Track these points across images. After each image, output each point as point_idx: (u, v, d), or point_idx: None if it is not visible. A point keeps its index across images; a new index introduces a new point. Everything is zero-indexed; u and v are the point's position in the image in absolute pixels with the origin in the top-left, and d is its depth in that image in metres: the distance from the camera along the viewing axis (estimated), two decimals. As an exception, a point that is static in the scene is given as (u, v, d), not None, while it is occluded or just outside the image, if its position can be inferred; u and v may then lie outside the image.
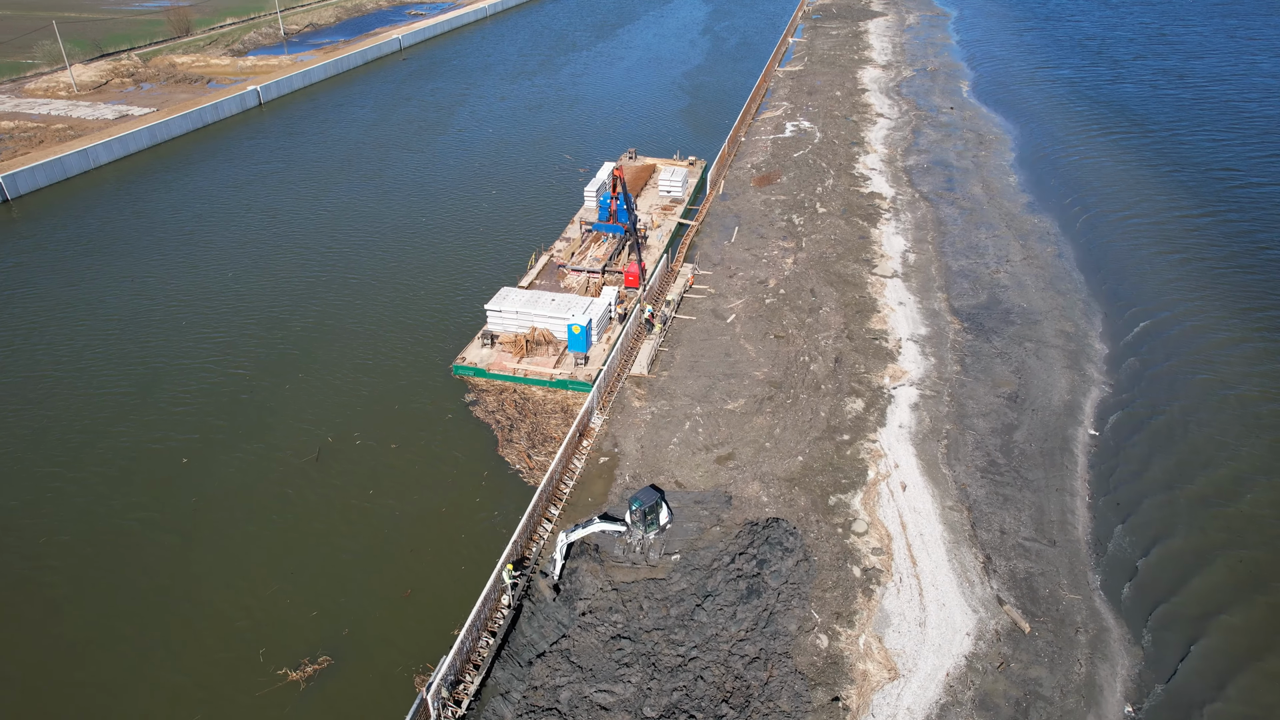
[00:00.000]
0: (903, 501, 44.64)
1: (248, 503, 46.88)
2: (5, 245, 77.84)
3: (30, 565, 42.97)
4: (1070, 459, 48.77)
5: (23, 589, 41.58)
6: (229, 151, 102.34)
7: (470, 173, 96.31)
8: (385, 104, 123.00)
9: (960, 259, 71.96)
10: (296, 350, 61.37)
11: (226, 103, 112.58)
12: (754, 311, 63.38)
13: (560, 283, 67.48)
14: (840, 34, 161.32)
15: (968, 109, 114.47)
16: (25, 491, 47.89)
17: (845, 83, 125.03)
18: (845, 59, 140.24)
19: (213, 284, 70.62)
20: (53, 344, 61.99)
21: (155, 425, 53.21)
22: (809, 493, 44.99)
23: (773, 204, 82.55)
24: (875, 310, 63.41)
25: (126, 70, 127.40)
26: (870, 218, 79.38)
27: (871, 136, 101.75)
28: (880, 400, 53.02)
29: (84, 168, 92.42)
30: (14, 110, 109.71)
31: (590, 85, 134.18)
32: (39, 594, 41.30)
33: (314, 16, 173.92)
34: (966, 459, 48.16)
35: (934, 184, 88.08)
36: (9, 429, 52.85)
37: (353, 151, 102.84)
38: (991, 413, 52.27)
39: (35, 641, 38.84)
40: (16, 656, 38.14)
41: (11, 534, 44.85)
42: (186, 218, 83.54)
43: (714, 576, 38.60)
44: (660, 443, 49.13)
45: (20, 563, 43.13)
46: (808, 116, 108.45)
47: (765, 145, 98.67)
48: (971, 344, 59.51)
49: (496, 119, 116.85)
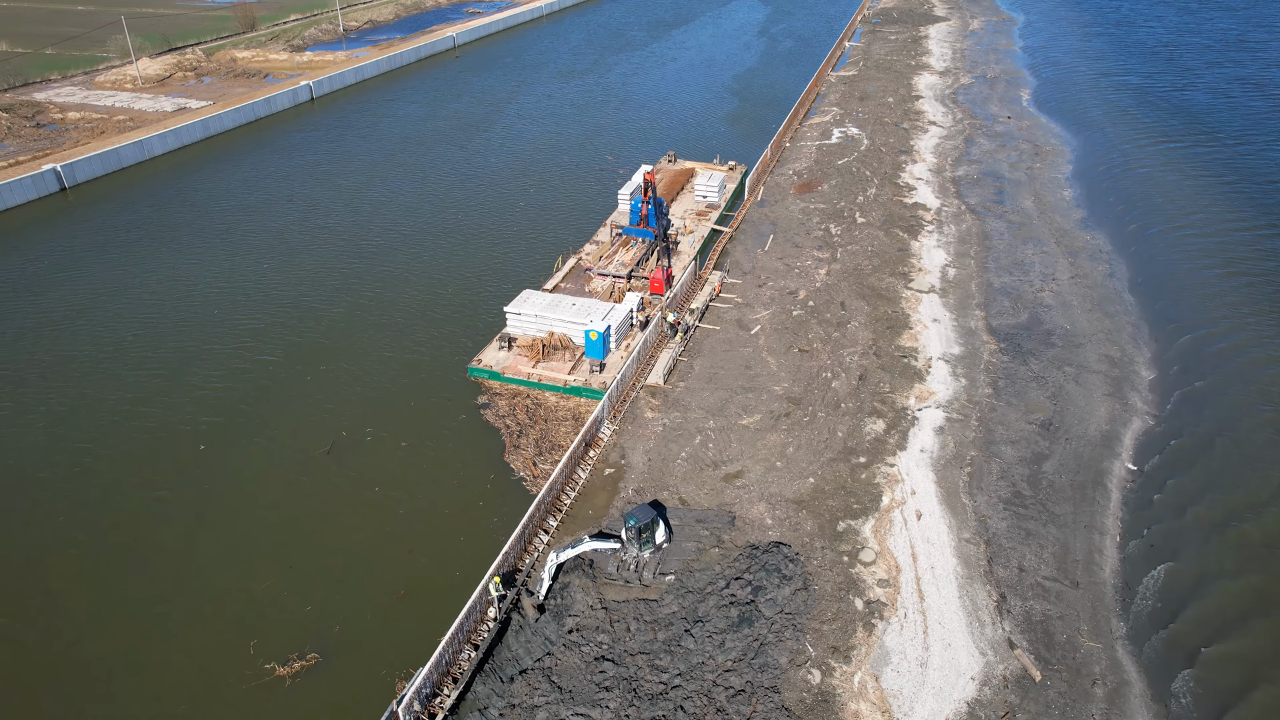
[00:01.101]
0: (916, 531, 42.54)
1: (258, 492, 47.41)
2: (60, 230, 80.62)
3: (53, 538, 44.20)
4: (1103, 494, 45.94)
5: (42, 561, 42.75)
6: (277, 144, 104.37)
7: (511, 170, 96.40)
8: (434, 100, 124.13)
9: (1003, 275, 68.89)
10: (326, 339, 62.28)
11: (279, 97, 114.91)
12: (780, 323, 61.59)
13: (586, 286, 66.66)
14: (899, 39, 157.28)
15: (1026, 118, 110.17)
16: (58, 465, 49.56)
17: (899, 89, 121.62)
18: (901, 65, 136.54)
19: (249, 272, 72.18)
20: (94, 324, 64.10)
21: (183, 407, 54.59)
22: (817, 517, 43.20)
23: (811, 212, 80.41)
24: (907, 326, 61.00)
25: (190, 64, 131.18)
26: (911, 229, 76.65)
27: (921, 145, 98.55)
28: (903, 422, 50.82)
29: (139, 158, 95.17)
30: (82, 101, 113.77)
31: (640, 85, 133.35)
32: (57, 567, 42.41)
33: (374, 13, 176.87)
34: (990, 489, 45.74)
35: (982, 196, 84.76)
36: (49, 404, 54.85)
37: (398, 146, 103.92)
38: (1021, 440, 49.63)
39: (45, 614, 39.80)
40: (26, 626, 39.13)
41: (41, 507, 46.33)
42: (231, 207, 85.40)
43: (706, 601, 37.23)
44: (668, 456, 47.87)
45: (44, 535, 44.42)
46: (856, 123, 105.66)
47: (810, 151, 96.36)
48: (1007, 366, 56.75)
49: (543, 117, 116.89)
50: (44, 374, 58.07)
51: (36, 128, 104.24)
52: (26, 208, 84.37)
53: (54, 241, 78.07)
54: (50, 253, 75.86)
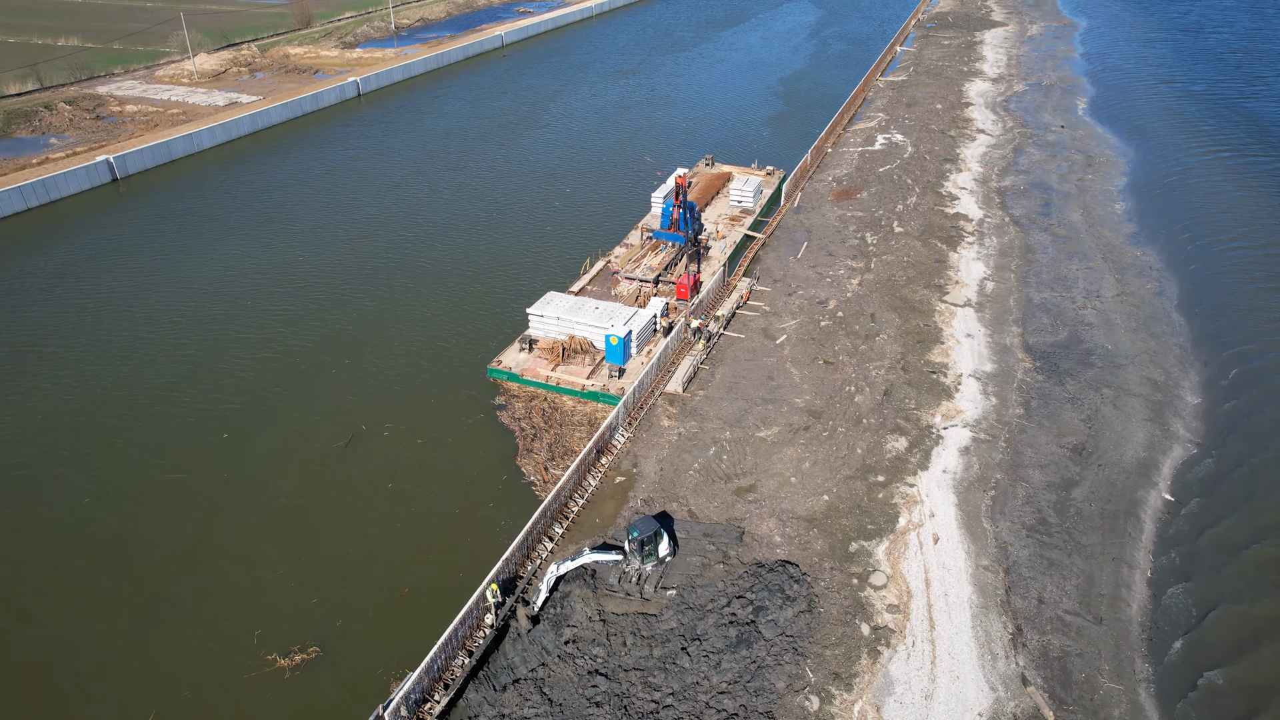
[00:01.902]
0: (932, 555, 41.03)
1: (275, 482, 48.01)
2: (110, 218, 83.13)
3: (77, 516, 45.44)
4: (1135, 525, 43.79)
5: (66, 538, 43.92)
6: (321, 139, 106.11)
7: (549, 169, 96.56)
8: (479, 98, 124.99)
9: (1044, 291, 66.44)
10: (356, 331, 63.17)
11: (326, 93, 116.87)
12: (807, 333, 60.24)
13: (612, 290, 66.13)
14: (952, 44, 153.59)
15: (1080, 128, 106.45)
16: (90, 445, 51.06)
17: (949, 96, 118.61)
18: (953, 70, 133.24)
19: (285, 262, 73.70)
20: (136, 309, 66.05)
21: (212, 393, 55.83)
22: (829, 536, 41.96)
23: (848, 220, 78.69)
24: (938, 341, 59.15)
25: (244, 60, 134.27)
26: (950, 241, 74.46)
27: (967, 154, 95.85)
28: (926, 440, 49.17)
29: (188, 151, 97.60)
30: (140, 95, 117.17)
31: (685, 87, 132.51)
32: (78, 545, 43.51)
33: (425, 12, 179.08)
34: (1013, 514, 43.94)
35: (1028, 208, 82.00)
36: (87, 385, 56.69)
37: (439, 143, 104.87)
38: (1051, 464, 47.63)
39: (63, 591, 40.84)
40: (46, 603, 40.22)
41: (69, 484, 47.78)
42: (272, 200, 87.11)
43: (706, 619, 36.35)
44: (681, 467, 47.04)
45: (70, 513, 45.71)
46: (902, 130, 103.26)
47: (852, 158, 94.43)
48: (1041, 385, 54.61)
49: (585, 116, 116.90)
50: (85, 355, 60.08)
51: (96, 120, 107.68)
52: (80, 197, 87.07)
53: (104, 229, 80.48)
54: (100, 240, 78.20)
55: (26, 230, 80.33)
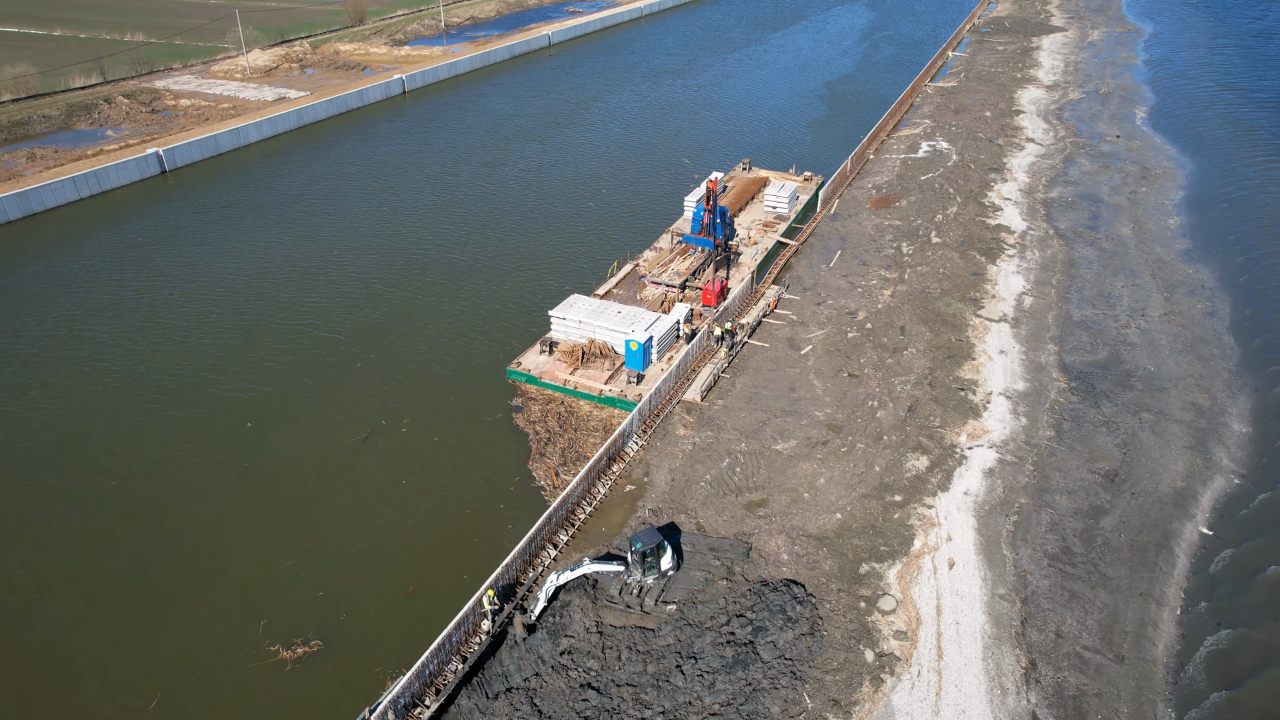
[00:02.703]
0: (945, 581, 39.56)
1: (292, 473, 48.60)
2: (157, 209, 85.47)
3: (102, 498, 46.63)
4: (1167, 559, 41.68)
5: (90, 519, 45.03)
6: (365, 134, 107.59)
7: (587, 169, 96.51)
8: (522, 97, 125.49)
9: (1085, 308, 63.91)
10: (387, 323, 64.01)
11: (372, 89, 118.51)
12: (833, 345, 58.87)
13: (638, 294, 65.55)
14: (1007, 50, 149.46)
15: (1137, 138, 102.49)
16: (122, 426, 52.46)
17: (999, 103, 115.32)
18: (1006, 77, 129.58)
19: (322, 254, 74.98)
20: (175, 296, 67.95)
21: (242, 380, 57.09)
22: (839, 556, 40.76)
23: (885, 229, 76.86)
24: (969, 357, 57.26)
25: (296, 56, 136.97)
26: (990, 253, 72.17)
27: (1014, 163, 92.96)
28: (949, 460, 47.54)
29: (235, 145, 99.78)
30: (195, 89, 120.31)
31: (729, 89, 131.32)
32: (100, 526, 44.63)
33: (476, 10, 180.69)
34: (1035, 541, 42.17)
35: (1075, 220, 79.12)
36: (125, 368, 58.39)
37: (479, 140, 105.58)
38: (1080, 490, 45.65)
39: (81, 572, 41.84)
40: (68, 583, 41.28)
41: (99, 465, 49.18)
42: (313, 193, 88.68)
43: (704, 636, 35.53)
44: (692, 478, 46.23)
45: (97, 495, 46.89)
46: (947, 137, 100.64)
47: (893, 165, 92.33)
48: (1075, 407, 52.45)
49: (627, 116, 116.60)
50: (126, 339, 61.97)
51: (151, 113, 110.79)
52: (130, 187, 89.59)
53: (152, 219, 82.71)
54: (146, 229, 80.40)
55: (78, 219, 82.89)
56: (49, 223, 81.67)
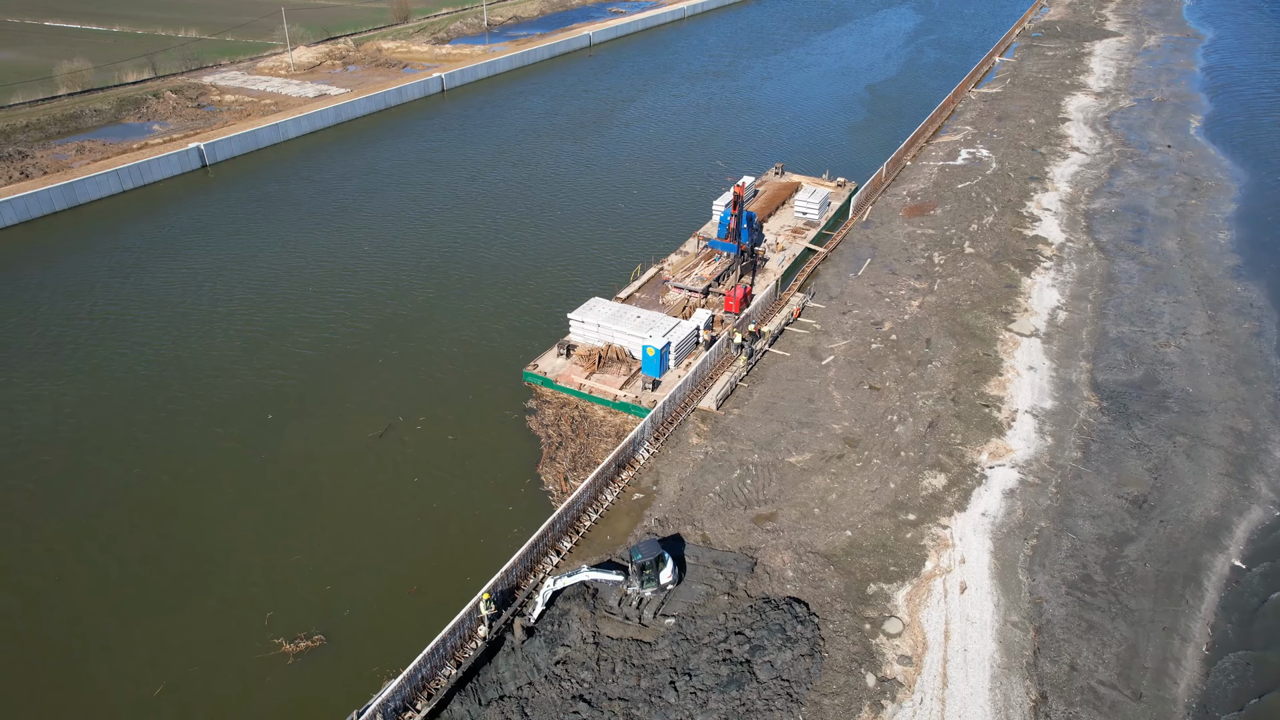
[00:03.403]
0: (956, 605, 38.30)
1: (308, 467, 49.02)
2: (196, 202, 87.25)
3: (124, 485, 47.53)
4: (1195, 592, 39.84)
5: (114, 502, 45.97)
6: (402, 132, 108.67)
7: (621, 169, 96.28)
8: (560, 96, 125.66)
9: (1122, 325, 61.66)
10: (412, 319, 64.61)
11: (410, 87, 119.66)
12: (856, 356, 57.62)
13: (660, 298, 64.97)
14: (1057, 55, 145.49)
15: (1190, 148, 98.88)
16: (149, 413, 53.61)
17: (1045, 110, 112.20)
18: (1053, 83, 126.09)
19: (353, 249, 76.03)
20: (210, 286, 69.35)
21: (267, 371, 58.03)
22: (846, 575, 39.71)
23: (917, 238, 75.14)
24: (996, 373, 55.57)
25: (340, 53, 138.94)
26: (1025, 265, 70.07)
27: (1057, 172, 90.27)
28: (968, 479, 46.10)
29: (274, 140, 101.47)
30: (240, 85, 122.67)
31: (768, 91, 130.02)
32: (123, 511, 45.49)
33: (519, 10, 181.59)
34: (1054, 567, 40.63)
35: (1117, 233, 76.50)
36: (159, 355, 59.77)
37: (514, 139, 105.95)
38: (1105, 515, 43.91)
39: (100, 555, 42.69)
40: (88, 565, 42.19)
41: (129, 447, 50.27)
42: (347, 189, 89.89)
43: (701, 653, 34.82)
44: (701, 488, 45.50)
45: (122, 480, 47.86)
46: (988, 144, 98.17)
47: (930, 172, 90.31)
48: (1105, 428, 50.54)
49: (663, 117, 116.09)
50: (161, 326, 63.39)
51: (197, 108, 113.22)
52: (171, 181, 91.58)
53: (190, 212, 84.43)
54: (185, 221, 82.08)
55: (121, 210, 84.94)
56: (93, 213, 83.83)
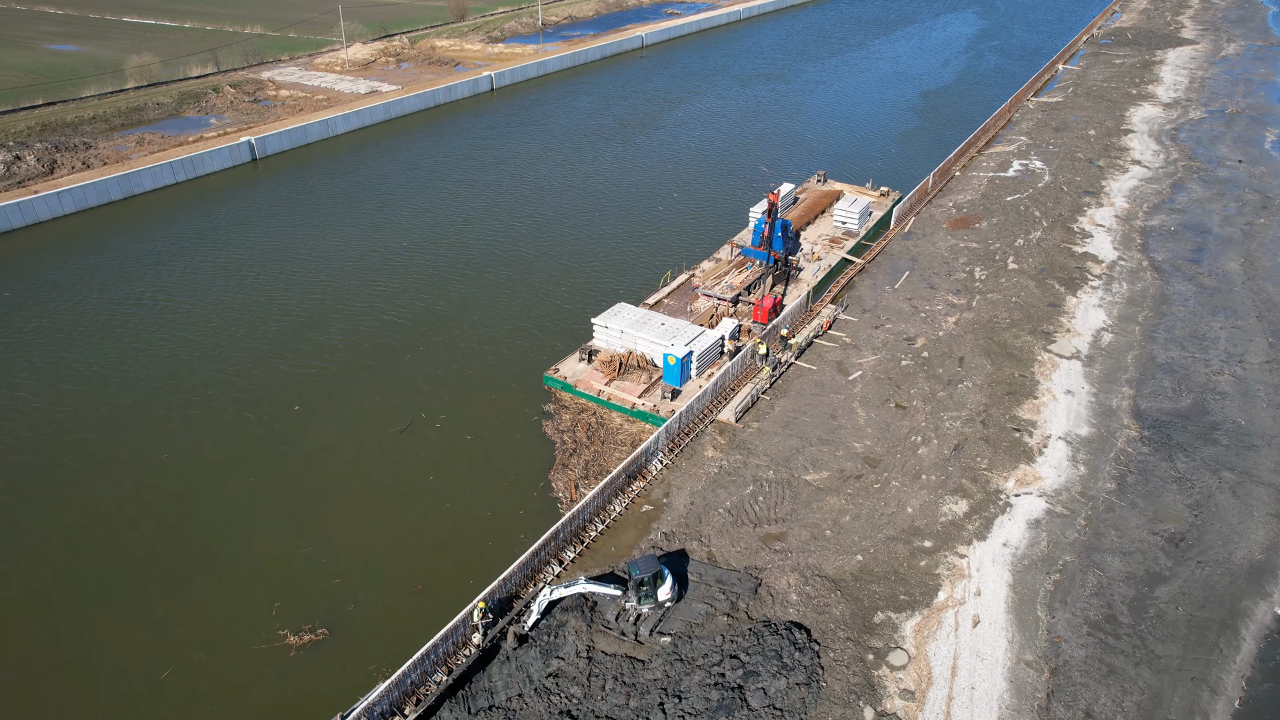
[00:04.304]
0: (966, 640, 36.67)
1: (328, 459, 49.53)
2: (245, 194, 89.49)
3: (151, 469, 48.66)
4: (1230, 641, 37.47)
5: (134, 493, 46.83)
6: (449, 129, 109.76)
7: (663, 171, 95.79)
8: (609, 96, 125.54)
9: (1172, 349, 58.67)
10: (446, 315, 65.19)
11: (459, 85, 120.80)
12: (885, 372, 55.93)
13: (689, 305, 64.10)
14: (1125, 63, 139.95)
15: (1264, 163, 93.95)
16: (184, 398, 54.95)
17: (1107, 121, 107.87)
18: (1118, 93, 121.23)
19: (392, 243, 77.17)
20: (253, 276, 71.06)
21: (303, 360, 59.08)
22: (853, 601, 38.37)
23: (959, 251, 72.77)
24: (1031, 395, 53.33)
25: (394, 51, 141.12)
26: (1071, 283, 67.24)
27: (1114, 187, 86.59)
28: (991, 507, 44.23)
29: (322, 135, 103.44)
30: (296, 81, 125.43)
31: (820, 96, 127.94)
32: (145, 497, 46.48)
33: (574, 9, 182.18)
34: (1077, 605, 38.66)
35: (1174, 252, 72.95)
36: (200, 341, 61.37)
37: (559, 139, 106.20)
38: (1136, 552, 41.66)
39: (119, 539, 43.61)
40: (108, 547, 43.22)
41: (161, 431, 51.50)
42: (391, 185, 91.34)
43: (693, 674, 33.95)
44: (711, 504, 44.54)
45: (146, 465, 48.94)
46: (1043, 156, 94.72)
47: (979, 184, 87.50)
48: (1145, 459, 48.04)
49: (711, 120, 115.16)
50: (203, 313, 65.14)
51: (254, 103, 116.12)
52: (222, 173, 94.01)
53: (237, 203, 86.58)
54: (232, 212, 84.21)
55: (173, 201, 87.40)
56: (147, 203, 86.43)
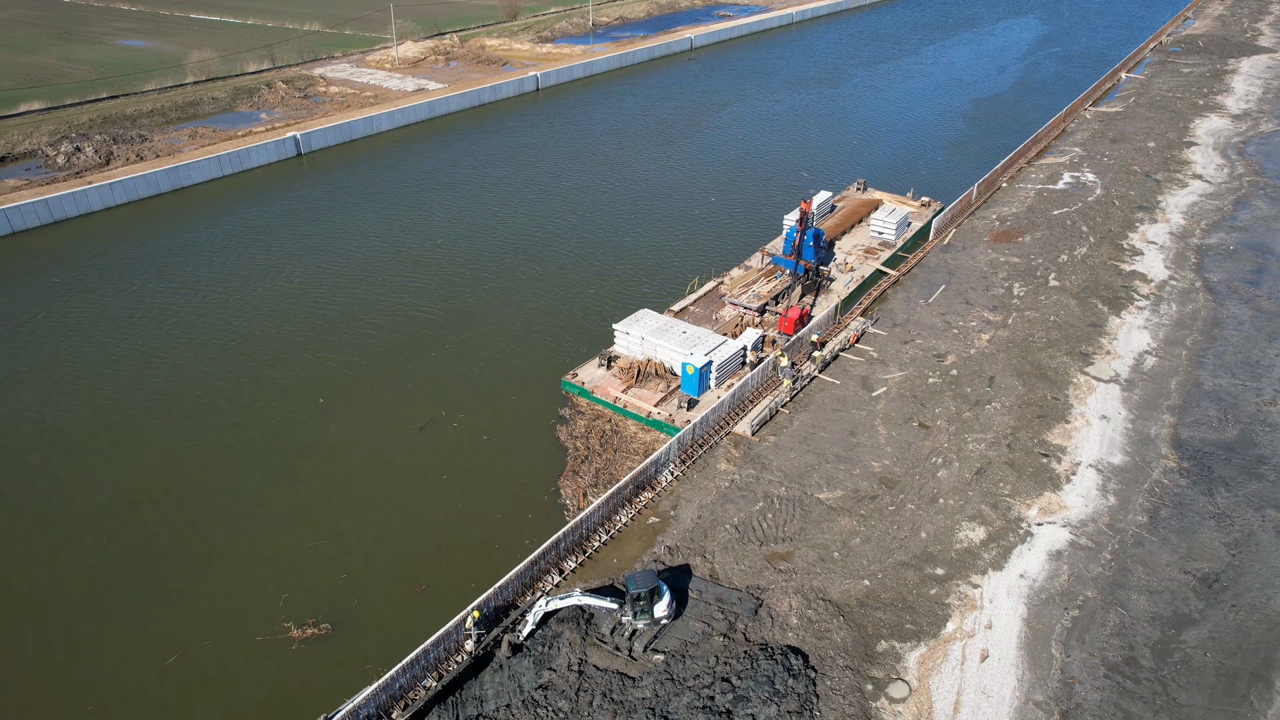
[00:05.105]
0: (973, 675, 35.17)
1: (346, 454, 49.94)
2: (288, 188, 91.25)
3: (177, 456, 49.70)
4: (1263, 694, 35.25)
5: (160, 479, 47.78)
6: (491, 128, 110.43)
7: (703, 174, 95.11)
8: (654, 98, 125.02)
9: (1221, 376, 55.78)
10: (478, 310, 65.73)
11: (505, 85, 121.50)
12: (910, 389, 54.28)
13: (714, 314, 63.19)
14: (1195, 72, 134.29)
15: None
16: (216, 387, 56.01)
17: (1169, 132, 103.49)
18: (1185, 103, 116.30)
19: (428, 239, 78.04)
20: (291, 268, 72.40)
21: (334, 351, 60.01)
22: (856, 628, 37.14)
23: (999, 265, 70.40)
24: (1064, 419, 51.16)
25: (444, 49, 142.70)
26: (1114, 303, 64.46)
27: (1171, 202, 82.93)
28: (1010, 535, 42.47)
29: (367, 132, 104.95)
30: (346, 77, 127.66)
31: (869, 101, 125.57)
32: (168, 483, 47.45)
33: (626, 10, 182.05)
34: (1095, 644, 36.81)
35: (1231, 273, 69.47)
36: (238, 331, 62.70)
37: (602, 139, 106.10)
38: (1165, 591, 39.55)
39: (138, 526, 44.54)
40: (131, 530, 44.26)
41: (181, 426, 52.26)
42: (430, 182, 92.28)
43: (683, 695, 33.18)
44: (719, 519, 43.64)
45: (173, 453, 50.00)
46: (1095, 169, 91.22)
47: (1026, 196, 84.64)
48: (1182, 492, 45.66)
49: (755, 123, 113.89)
50: (237, 303, 66.56)
51: (304, 98, 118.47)
52: (268, 168, 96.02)
53: (280, 197, 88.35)
54: (275, 206, 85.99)
55: (219, 194, 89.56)
56: (194, 196, 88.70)
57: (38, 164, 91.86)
